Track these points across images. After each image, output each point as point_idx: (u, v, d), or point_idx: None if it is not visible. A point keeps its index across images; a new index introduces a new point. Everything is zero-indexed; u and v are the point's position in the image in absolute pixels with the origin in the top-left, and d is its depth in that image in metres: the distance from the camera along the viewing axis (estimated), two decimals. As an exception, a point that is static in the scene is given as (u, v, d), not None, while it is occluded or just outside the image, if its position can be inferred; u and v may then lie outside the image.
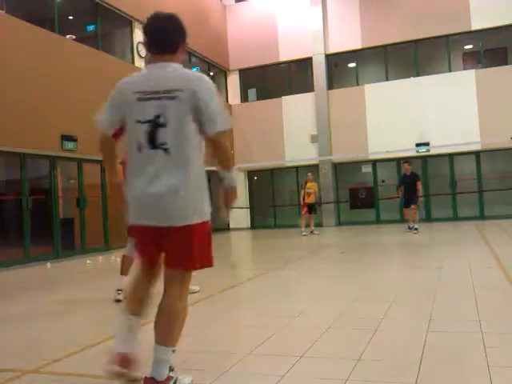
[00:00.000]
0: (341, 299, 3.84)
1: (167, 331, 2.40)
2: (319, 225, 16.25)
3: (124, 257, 5.02)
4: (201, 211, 2.44)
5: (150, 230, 2.42)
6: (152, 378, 2.34)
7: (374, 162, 16.36)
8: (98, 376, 2.82)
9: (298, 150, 16.58)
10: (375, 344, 3.09)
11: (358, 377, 2.55)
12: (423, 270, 6.09)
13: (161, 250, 2.48)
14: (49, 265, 9.35)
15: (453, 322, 3.53)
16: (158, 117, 2.36)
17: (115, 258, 10.08)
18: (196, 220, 2.40)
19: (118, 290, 5.02)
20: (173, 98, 2.34)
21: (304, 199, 13.14)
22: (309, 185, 13.21)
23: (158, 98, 2.36)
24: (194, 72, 2.50)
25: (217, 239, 15.15)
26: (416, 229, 11.65)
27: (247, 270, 7.72)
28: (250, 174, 18.37)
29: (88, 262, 9.38)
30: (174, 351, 2.42)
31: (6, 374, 2.91)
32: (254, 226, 18.09)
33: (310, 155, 16.26)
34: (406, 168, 12.13)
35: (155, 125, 2.36)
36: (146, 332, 2.55)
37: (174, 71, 2.44)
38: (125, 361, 2.36)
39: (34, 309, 5.09)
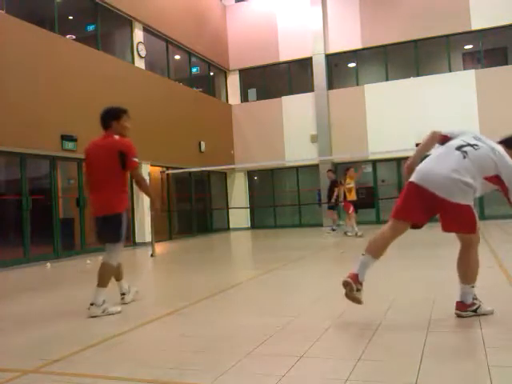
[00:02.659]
0: (341, 299, 3.83)
1: (463, 274, 3.58)
2: (320, 225, 16.27)
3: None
4: (464, 197, 3.57)
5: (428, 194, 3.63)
6: (461, 302, 3.60)
7: (374, 162, 16.36)
8: (97, 376, 2.82)
9: (298, 149, 16.57)
10: (375, 344, 3.10)
11: (357, 377, 2.55)
12: (423, 270, 6.09)
13: (431, 213, 3.75)
14: (49, 265, 9.35)
15: (453, 322, 3.53)
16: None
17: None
18: (459, 201, 3.55)
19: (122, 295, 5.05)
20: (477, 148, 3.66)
21: (345, 197, 11.99)
22: (348, 180, 11.91)
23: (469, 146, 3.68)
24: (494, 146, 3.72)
25: (218, 239, 15.06)
26: (333, 229, 13.14)
27: (245, 269, 7.74)
28: (250, 173, 18.38)
29: (88, 261, 9.38)
30: (472, 287, 3.58)
31: (6, 374, 2.91)
32: (254, 226, 18.10)
33: (310, 155, 16.26)
34: (329, 176, 13.28)
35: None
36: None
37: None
38: (354, 278, 3.59)
39: (34, 309, 5.09)
